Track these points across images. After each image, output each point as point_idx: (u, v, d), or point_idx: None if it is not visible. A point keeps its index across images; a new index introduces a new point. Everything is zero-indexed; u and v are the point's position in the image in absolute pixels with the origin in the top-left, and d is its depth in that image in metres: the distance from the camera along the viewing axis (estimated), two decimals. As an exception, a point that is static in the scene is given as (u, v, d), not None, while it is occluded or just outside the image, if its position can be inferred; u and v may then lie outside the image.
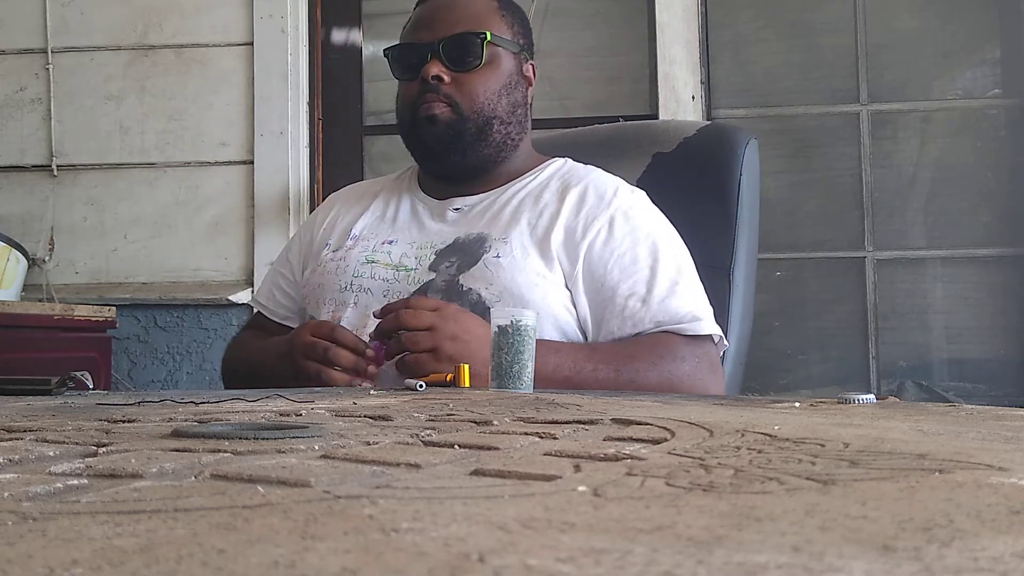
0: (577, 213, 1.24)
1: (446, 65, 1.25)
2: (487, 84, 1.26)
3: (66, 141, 2.44)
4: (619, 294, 1.19)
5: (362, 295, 1.24)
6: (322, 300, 1.27)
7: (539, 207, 1.26)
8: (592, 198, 1.25)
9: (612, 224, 1.22)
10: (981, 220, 2.31)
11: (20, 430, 0.51)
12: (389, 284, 1.24)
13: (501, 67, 1.28)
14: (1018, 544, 0.23)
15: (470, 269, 1.20)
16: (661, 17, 2.34)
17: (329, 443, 0.44)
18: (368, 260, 1.27)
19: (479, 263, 1.20)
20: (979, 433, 0.46)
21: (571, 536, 0.24)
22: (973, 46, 2.37)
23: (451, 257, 1.23)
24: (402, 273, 1.24)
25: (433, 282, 1.21)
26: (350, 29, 2.56)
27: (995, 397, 2.25)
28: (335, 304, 1.25)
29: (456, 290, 1.19)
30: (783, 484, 0.31)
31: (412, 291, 1.21)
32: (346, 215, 1.38)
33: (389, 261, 1.26)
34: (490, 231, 1.24)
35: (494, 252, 1.21)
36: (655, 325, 1.17)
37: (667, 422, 0.51)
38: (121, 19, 2.43)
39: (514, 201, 1.28)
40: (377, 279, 1.24)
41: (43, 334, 1.99)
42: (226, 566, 0.21)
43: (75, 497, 0.31)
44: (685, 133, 1.44)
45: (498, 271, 1.19)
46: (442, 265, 1.23)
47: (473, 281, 1.19)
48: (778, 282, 2.37)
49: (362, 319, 1.21)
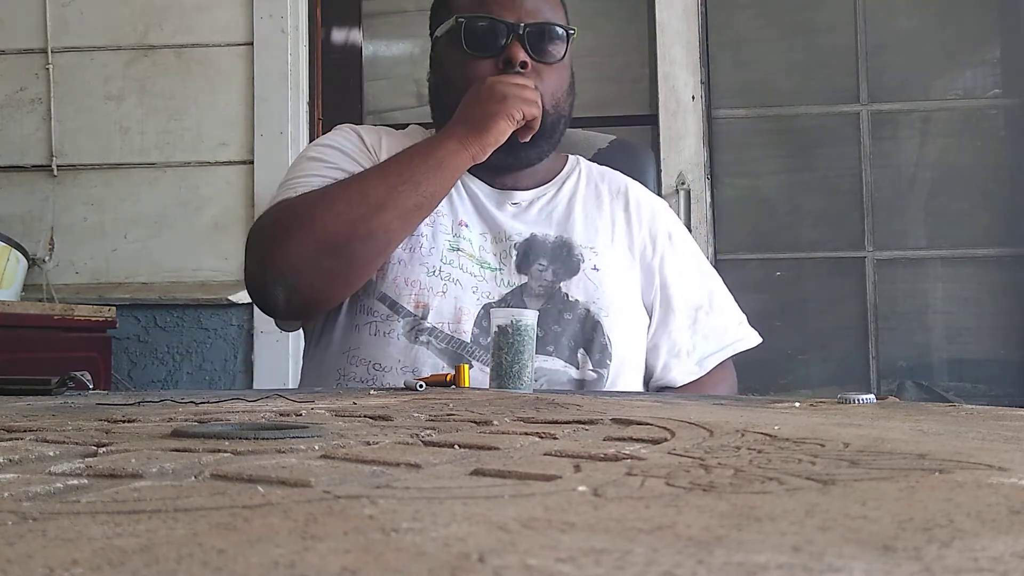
0: (640, 226, 1.26)
1: (530, 52, 1.17)
2: (563, 81, 1.21)
3: (66, 141, 2.44)
4: (690, 305, 1.25)
5: (452, 285, 1.14)
6: (403, 279, 1.14)
7: (605, 214, 1.25)
8: (647, 211, 1.28)
9: (672, 237, 1.27)
10: (981, 220, 2.31)
11: (20, 430, 0.51)
12: (477, 281, 1.16)
13: (569, 66, 1.24)
14: (1018, 544, 0.23)
15: (571, 279, 1.18)
16: (661, 17, 2.34)
17: (329, 443, 0.44)
18: (453, 247, 1.17)
19: (580, 273, 1.18)
20: (979, 433, 0.46)
21: (571, 536, 0.24)
22: (973, 46, 2.37)
23: (539, 259, 1.18)
24: (487, 271, 1.17)
25: (527, 286, 1.17)
26: (350, 29, 2.56)
27: (995, 397, 2.25)
28: (420, 288, 1.13)
29: (559, 298, 1.16)
30: (783, 484, 0.31)
31: (503, 293, 1.16)
32: None
33: (472, 252, 1.18)
34: (571, 236, 1.21)
35: (590, 263, 1.20)
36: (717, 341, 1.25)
37: (667, 422, 0.51)
38: (121, 19, 2.43)
39: (575, 203, 1.25)
40: (466, 271, 1.16)
41: (43, 334, 1.99)
42: (226, 566, 0.21)
43: (75, 497, 0.31)
44: (599, 144, 1.47)
45: (602, 284, 1.18)
46: (532, 268, 1.18)
47: (579, 292, 1.17)
48: (778, 282, 2.37)
49: (454, 313, 1.13)
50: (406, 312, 1.13)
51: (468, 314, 1.13)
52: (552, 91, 1.19)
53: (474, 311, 1.14)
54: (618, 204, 1.27)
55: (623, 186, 1.30)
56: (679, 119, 2.32)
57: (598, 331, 1.16)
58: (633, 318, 1.21)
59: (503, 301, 1.15)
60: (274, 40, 2.38)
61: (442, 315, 1.12)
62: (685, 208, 2.28)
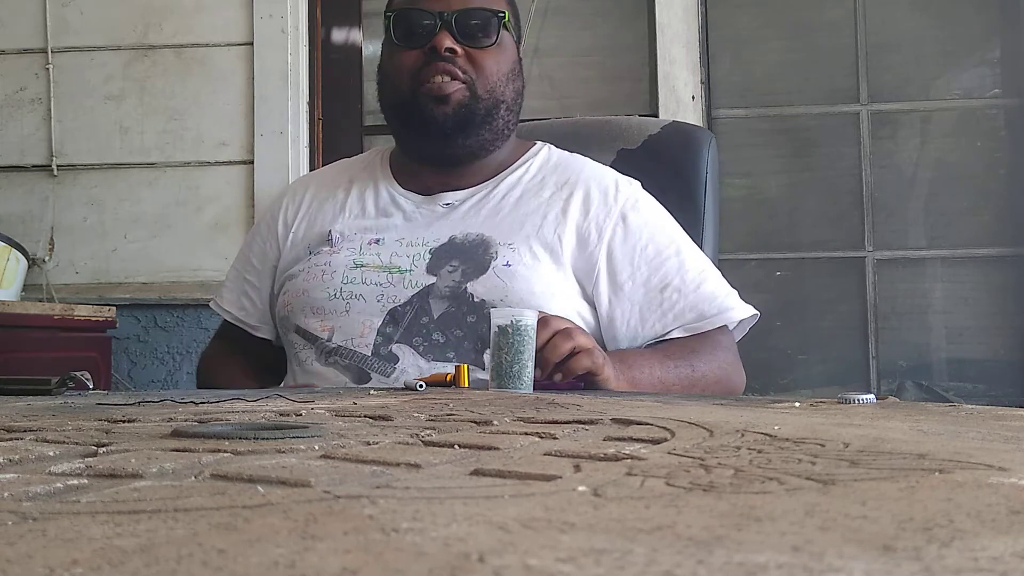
0: (585, 215, 1.19)
1: (458, 39, 1.17)
2: (499, 65, 1.20)
3: (66, 141, 2.44)
4: (653, 287, 1.17)
5: (354, 302, 1.16)
6: (309, 308, 1.18)
7: (541, 208, 1.20)
8: (596, 197, 1.20)
9: (625, 220, 1.20)
10: (981, 220, 2.31)
11: (20, 430, 0.51)
12: (383, 288, 1.16)
13: (508, 50, 1.22)
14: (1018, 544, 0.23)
15: (479, 277, 1.13)
16: (661, 17, 2.34)
17: (329, 443, 0.44)
18: (356, 264, 1.18)
19: (488, 272, 1.14)
20: (979, 433, 0.46)
21: (571, 536, 0.24)
22: (973, 46, 2.37)
23: (451, 260, 1.16)
24: (396, 275, 1.16)
25: (435, 287, 1.14)
26: (350, 29, 2.56)
27: (995, 397, 2.25)
28: (325, 313, 1.17)
29: (464, 299, 1.13)
30: (783, 484, 0.31)
31: (410, 295, 1.14)
32: (318, 212, 1.28)
33: (379, 263, 1.18)
34: (491, 233, 1.17)
35: (503, 259, 1.14)
36: (697, 314, 1.16)
37: (667, 422, 0.51)
38: (121, 19, 2.43)
39: (510, 198, 1.22)
40: (369, 284, 1.16)
41: (43, 334, 1.99)
42: (226, 566, 0.21)
43: (75, 497, 0.31)
44: (650, 130, 1.43)
45: (512, 281, 1.13)
46: (442, 269, 1.15)
47: (484, 291, 1.12)
48: (778, 282, 2.37)
49: (358, 328, 1.14)
50: (315, 338, 1.17)
51: (370, 327, 1.14)
52: (486, 77, 1.18)
53: (378, 321, 1.15)
54: (560, 195, 1.21)
55: (576, 176, 1.24)
56: (679, 119, 2.32)
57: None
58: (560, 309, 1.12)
59: (409, 303, 1.14)
60: (274, 40, 2.38)
61: (346, 332, 1.15)
62: (685, 208, 2.28)
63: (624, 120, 1.45)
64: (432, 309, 1.14)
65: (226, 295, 1.34)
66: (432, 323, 1.13)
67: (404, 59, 1.19)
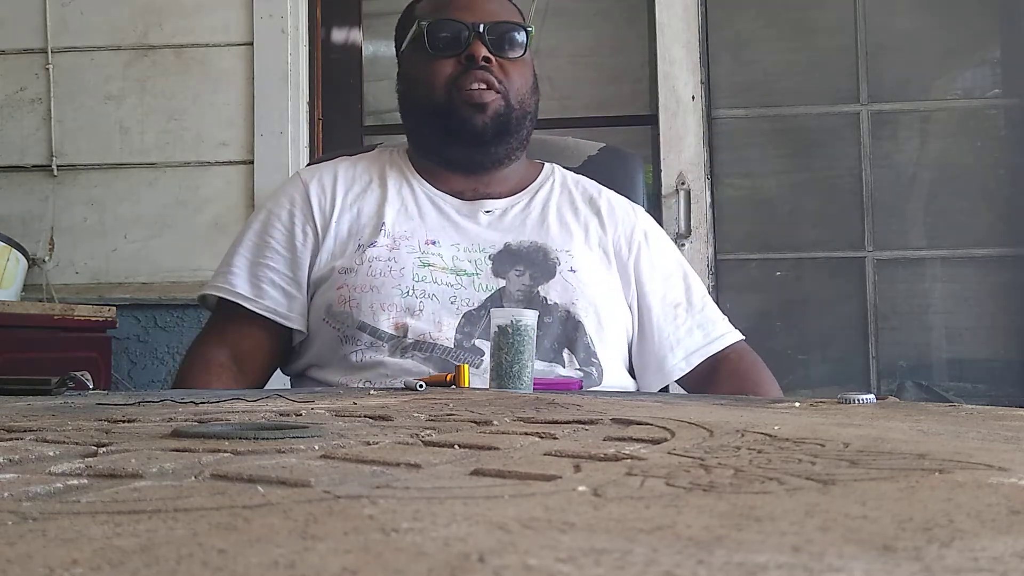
0: (615, 228, 1.28)
1: (490, 50, 1.21)
2: (526, 78, 1.25)
3: (66, 141, 2.44)
4: (668, 303, 1.26)
5: (427, 301, 1.16)
6: (378, 304, 1.16)
7: (580, 219, 1.28)
8: (620, 213, 1.30)
9: (647, 238, 1.29)
10: (981, 220, 2.31)
11: (20, 430, 0.51)
12: (454, 290, 1.17)
13: (531, 64, 1.28)
14: (1018, 544, 0.23)
15: (548, 281, 1.19)
16: (661, 17, 2.34)
17: (329, 443, 0.44)
18: (423, 263, 1.19)
19: (557, 276, 1.20)
20: (979, 433, 0.46)
21: (571, 536, 0.24)
22: (973, 46, 2.37)
23: (515, 265, 1.20)
24: (464, 278, 1.18)
25: (506, 290, 1.18)
26: (350, 29, 2.56)
27: (995, 397, 2.25)
28: (397, 310, 1.16)
29: (537, 302, 1.18)
30: (783, 484, 0.31)
31: (483, 298, 1.17)
32: (361, 202, 1.25)
33: (444, 264, 1.19)
34: (545, 241, 1.23)
35: (566, 264, 1.21)
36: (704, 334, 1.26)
37: (667, 422, 0.51)
38: (121, 19, 2.43)
39: (549, 210, 1.28)
40: (440, 284, 1.17)
41: (43, 334, 1.99)
42: (226, 566, 0.21)
43: (75, 497, 0.31)
44: (588, 152, 1.48)
45: (581, 285, 1.19)
46: (509, 273, 1.19)
47: (557, 295, 1.18)
48: (778, 282, 2.37)
49: (435, 326, 1.15)
50: (388, 336, 1.15)
51: (448, 324, 1.15)
52: (516, 87, 1.23)
53: (455, 320, 1.15)
54: (591, 209, 1.30)
55: (596, 192, 1.33)
56: (679, 119, 2.32)
57: (580, 331, 1.18)
58: (615, 316, 1.23)
59: (483, 306, 1.16)
60: (274, 40, 2.38)
61: (421, 330, 1.14)
62: (685, 208, 2.28)
63: (562, 140, 1.51)
64: None
65: (239, 283, 1.23)
66: None
67: (439, 67, 1.22)
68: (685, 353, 1.25)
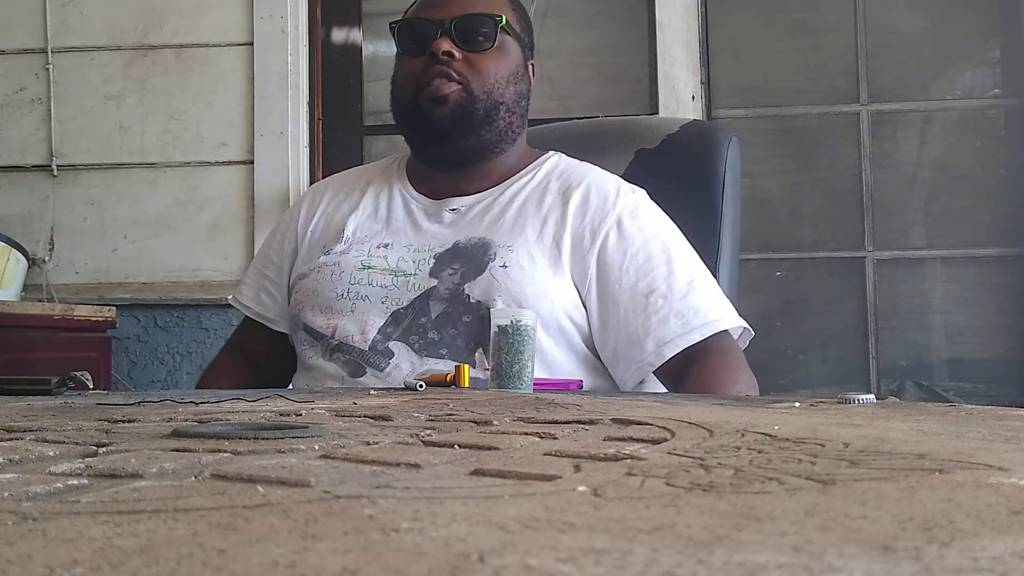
0: (582, 218, 1.20)
1: (457, 44, 1.20)
2: (497, 67, 1.23)
3: (66, 141, 2.44)
4: (639, 292, 1.16)
5: (359, 302, 1.20)
6: (316, 307, 1.22)
7: (542, 211, 1.22)
8: (595, 201, 1.22)
9: (620, 225, 1.20)
10: (981, 220, 2.31)
11: (20, 430, 0.51)
12: (387, 291, 1.19)
13: (510, 54, 1.25)
14: (1018, 544, 0.23)
15: (476, 279, 1.16)
16: (661, 17, 2.34)
17: (329, 443, 0.44)
18: (364, 266, 1.22)
19: (485, 272, 1.16)
20: (979, 433, 0.46)
21: (571, 536, 0.24)
22: (973, 46, 2.37)
23: (453, 263, 1.19)
24: (400, 279, 1.19)
25: (435, 289, 1.17)
26: (350, 29, 2.56)
27: (995, 397, 2.25)
28: (331, 312, 1.21)
29: (461, 300, 1.15)
30: (783, 484, 0.31)
31: (412, 298, 1.17)
32: (335, 211, 1.32)
33: (386, 266, 1.22)
34: (493, 236, 1.20)
35: (500, 260, 1.17)
36: (681, 322, 1.14)
37: (667, 422, 0.51)
38: (121, 19, 2.44)
39: (515, 203, 1.24)
40: (375, 285, 1.20)
41: (43, 334, 1.99)
42: (226, 566, 0.21)
43: (75, 497, 0.31)
44: (669, 130, 1.42)
45: (506, 282, 1.15)
46: (444, 272, 1.18)
47: (480, 292, 1.15)
48: (778, 282, 2.37)
49: (360, 326, 1.18)
50: (320, 336, 1.21)
51: (372, 325, 1.17)
52: (483, 78, 1.21)
53: (380, 320, 1.18)
54: (559, 201, 1.23)
55: (578, 181, 1.25)
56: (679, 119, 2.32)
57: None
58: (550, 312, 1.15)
59: (411, 306, 1.18)
60: (274, 40, 2.38)
61: (348, 330, 1.18)
62: (685, 208, 2.28)
63: (643, 120, 1.45)
64: (431, 310, 1.17)
65: (246, 291, 1.37)
66: (429, 323, 1.16)
67: (408, 67, 1.24)
68: (656, 345, 1.14)
